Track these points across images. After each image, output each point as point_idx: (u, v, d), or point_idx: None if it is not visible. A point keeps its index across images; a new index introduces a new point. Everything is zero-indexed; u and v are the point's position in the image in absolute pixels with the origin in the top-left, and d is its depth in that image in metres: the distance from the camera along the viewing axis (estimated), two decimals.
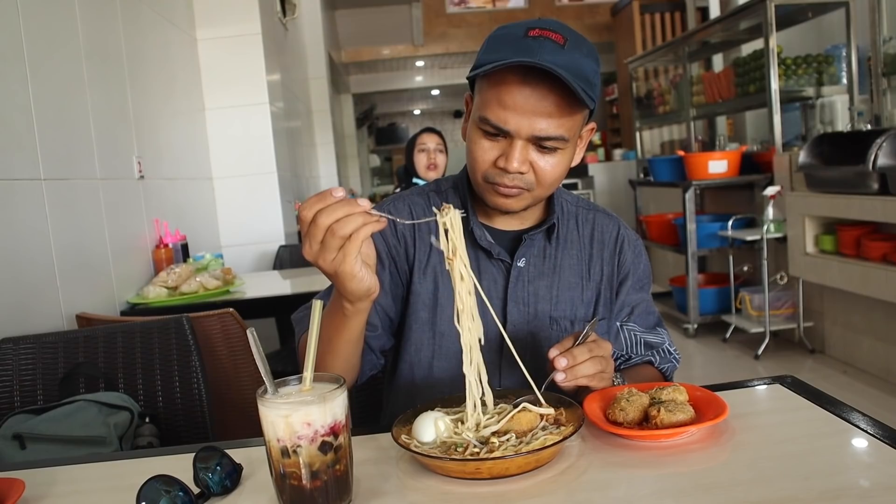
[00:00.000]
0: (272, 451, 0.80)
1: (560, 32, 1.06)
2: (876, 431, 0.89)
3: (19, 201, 1.98)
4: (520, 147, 1.08)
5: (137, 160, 2.90)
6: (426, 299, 1.22)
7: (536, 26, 1.07)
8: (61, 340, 1.76)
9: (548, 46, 1.04)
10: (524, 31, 1.06)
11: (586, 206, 1.32)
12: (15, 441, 1.48)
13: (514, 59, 1.02)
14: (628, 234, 1.31)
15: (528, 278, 1.23)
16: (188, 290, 2.70)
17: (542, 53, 1.02)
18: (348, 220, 0.88)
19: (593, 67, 1.08)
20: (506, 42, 1.07)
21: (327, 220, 0.87)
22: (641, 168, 6.67)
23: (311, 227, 0.89)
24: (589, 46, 1.10)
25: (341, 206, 0.88)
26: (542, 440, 0.88)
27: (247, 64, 4.10)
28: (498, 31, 1.11)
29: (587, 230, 1.29)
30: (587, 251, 1.28)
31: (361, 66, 11.64)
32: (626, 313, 1.29)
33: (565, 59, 1.03)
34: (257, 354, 0.81)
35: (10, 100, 2.00)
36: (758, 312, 4.32)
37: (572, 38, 1.07)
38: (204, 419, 1.70)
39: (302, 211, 0.90)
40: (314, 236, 0.89)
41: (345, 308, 1.00)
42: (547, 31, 1.06)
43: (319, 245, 0.89)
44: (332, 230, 0.88)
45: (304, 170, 6.08)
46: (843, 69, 4.57)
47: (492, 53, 1.07)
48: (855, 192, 3.39)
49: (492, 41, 1.11)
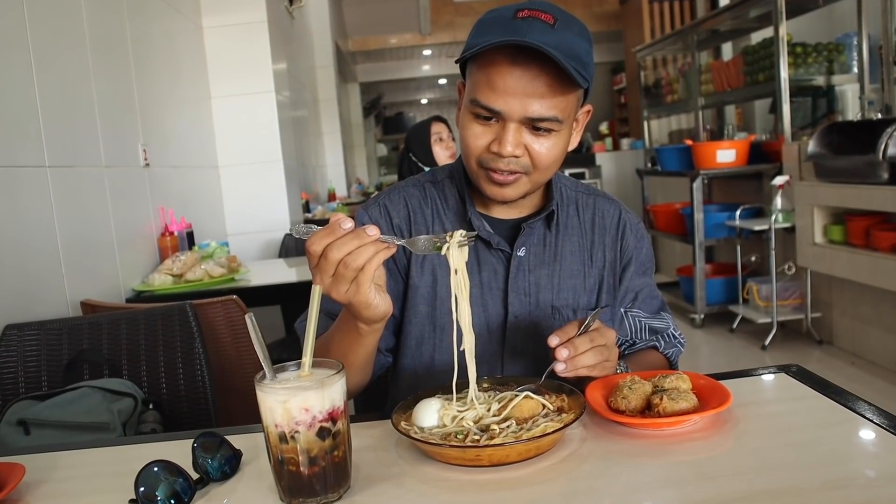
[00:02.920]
0: (270, 437, 0.80)
1: (550, 12, 1.05)
2: (882, 421, 0.88)
3: (24, 188, 1.98)
4: (513, 130, 1.06)
5: (143, 148, 2.90)
6: (425, 293, 1.21)
7: (525, 7, 1.05)
8: (66, 327, 1.76)
9: (537, 26, 1.02)
10: (513, 12, 1.05)
11: (586, 191, 1.30)
12: (19, 427, 1.49)
13: (502, 39, 1.01)
14: (629, 218, 1.30)
15: (529, 268, 1.21)
16: (193, 278, 2.70)
17: (531, 33, 1.01)
18: (360, 252, 0.87)
19: (585, 46, 1.06)
20: (494, 24, 1.06)
21: (338, 255, 0.86)
22: (649, 157, 6.64)
23: (322, 262, 0.87)
24: (580, 26, 1.08)
25: (351, 239, 0.87)
26: (542, 427, 0.87)
27: (253, 52, 4.08)
28: (487, 15, 1.10)
29: (588, 215, 1.27)
30: (588, 237, 1.26)
31: (368, 54, 11.62)
32: (630, 299, 1.28)
33: (555, 38, 1.02)
34: (256, 339, 0.81)
35: (15, 87, 1.99)
36: (765, 303, 4.30)
37: (562, 18, 1.05)
38: (207, 406, 1.70)
39: (311, 246, 0.88)
40: (325, 270, 0.88)
41: (360, 328, 0.98)
42: (536, 12, 1.04)
43: (331, 278, 0.88)
44: (345, 263, 0.87)
45: (311, 159, 6.08)
46: (854, 58, 4.52)
47: (480, 36, 1.06)
48: (864, 182, 3.36)
49: (481, 24, 1.09)
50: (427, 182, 1.28)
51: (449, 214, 1.24)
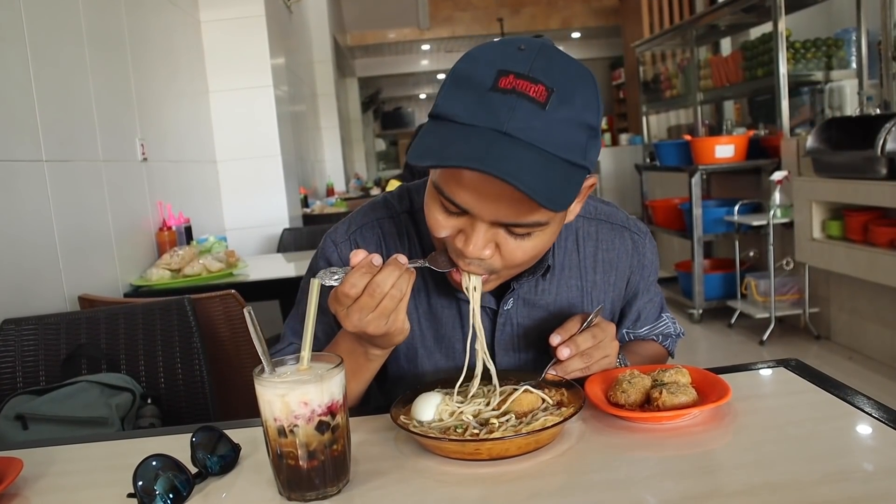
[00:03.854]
0: (269, 431, 0.79)
1: (542, 80, 0.82)
2: (881, 415, 0.88)
3: (21, 183, 1.97)
4: (482, 230, 0.88)
5: (140, 142, 2.89)
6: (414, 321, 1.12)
7: (512, 70, 0.82)
8: (63, 321, 1.76)
9: (521, 110, 0.81)
10: (494, 78, 0.82)
11: (588, 215, 1.14)
12: (17, 422, 1.49)
13: (460, 162, 0.80)
14: (638, 248, 1.16)
15: (518, 321, 1.11)
16: (191, 273, 2.70)
17: (511, 120, 0.81)
18: (401, 282, 0.86)
19: (589, 122, 0.85)
20: (469, 90, 0.84)
21: (385, 288, 0.85)
22: (648, 153, 6.63)
23: (365, 299, 0.85)
24: (586, 88, 0.85)
25: (393, 271, 0.86)
26: (542, 421, 0.87)
27: (251, 47, 4.07)
28: (463, 67, 0.87)
29: (590, 249, 1.13)
30: (590, 278, 1.13)
31: (367, 49, 11.61)
32: (634, 319, 1.22)
33: (543, 126, 0.81)
34: (254, 333, 0.81)
35: (12, 81, 1.98)
36: (763, 298, 4.30)
37: (560, 86, 0.82)
38: (205, 400, 1.70)
39: (349, 289, 0.86)
40: (366, 307, 0.86)
41: (370, 354, 0.97)
42: (524, 82, 0.82)
43: (373, 313, 0.86)
44: (391, 295, 0.86)
45: (309, 153, 6.07)
46: (853, 53, 4.52)
47: (450, 103, 0.85)
48: (863, 178, 3.36)
49: (454, 81, 0.87)
50: (403, 213, 1.13)
51: (427, 252, 1.09)
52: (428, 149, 0.83)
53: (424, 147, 0.84)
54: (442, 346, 1.13)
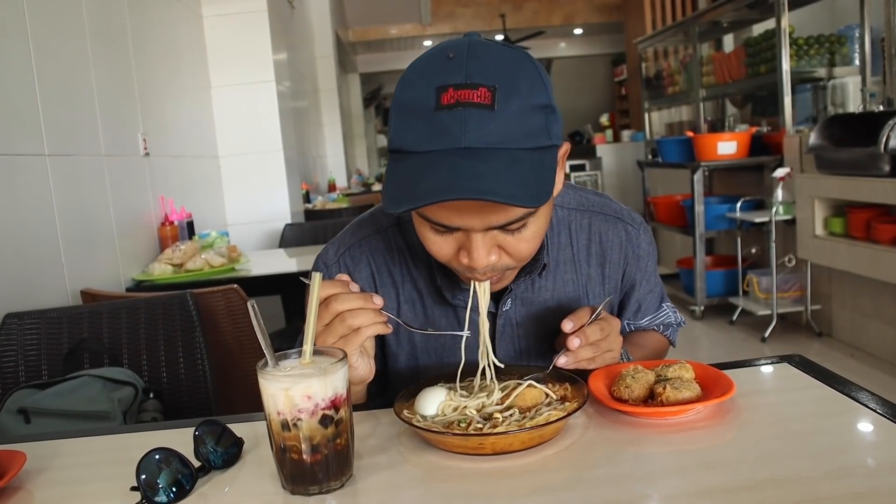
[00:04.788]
0: (272, 425, 0.79)
1: (484, 83, 0.81)
2: (885, 411, 0.88)
3: (23, 177, 1.97)
4: (480, 239, 0.88)
5: (143, 137, 2.89)
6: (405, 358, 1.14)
7: (449, 83, 0.81)
8: (66, 316, 1.76)
9: (472, 121, 0.80)
10: (436, 97, 0.81)
11: (581, 207, 1.13)
12: (20, 415, 1.49)
13: (433, 198, 0.79)
14: (632, 239, 1.14)
15: (517, 320, 1.11)
16: (193, 268, 2.70)
17: (466, 133, 0.80)
18: (359, 314, 0.88)
19: (541, 102, 0.84)
20: (416, 116, 0.83)
21: (339, 307, 0.88)
22: (650, 149, 6.63)
23: (322, 310, 0.89)
24: (526, 70, 0.84)
25: (356, 298, 0.88)
26: (545, 416, 0.87)
27: (253, 42, 4.07)
28: (403, 95, 0.86)
29: (583, 242, 1.12)
30: (584, 271, 1.12)
31: (369, 45, 11.60)
32: (634, 310, 1.22)
33: (499, 126, 0.81)
34: (257, 327, 0.80)
35: (14, 75, 1.98)
36: (765, 295, 4.30)
37: (500, 79, 0.81)
38: (207, 395, 1.70)
39: (322, 290, 0.88)
40: (322, 318, 0.89)
41: None
42: (464, 91, 0.80)
43: (325, 328, 0.89)
44: (342, 317, 0.88)
45: (311, 149, 6.06)
46: (856, 50, 4.51)
47: (403, 134, 0.85)
48: (866, 175, 3.35)
49: (399, 111, 0.86)
50: (391, 227, 1.11)
51: (420, 269, 1.10)
52: (398, 192, 0.83)
53: (394, 190, 0.84)
54: (443, 355, 1.13)
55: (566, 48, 12.99)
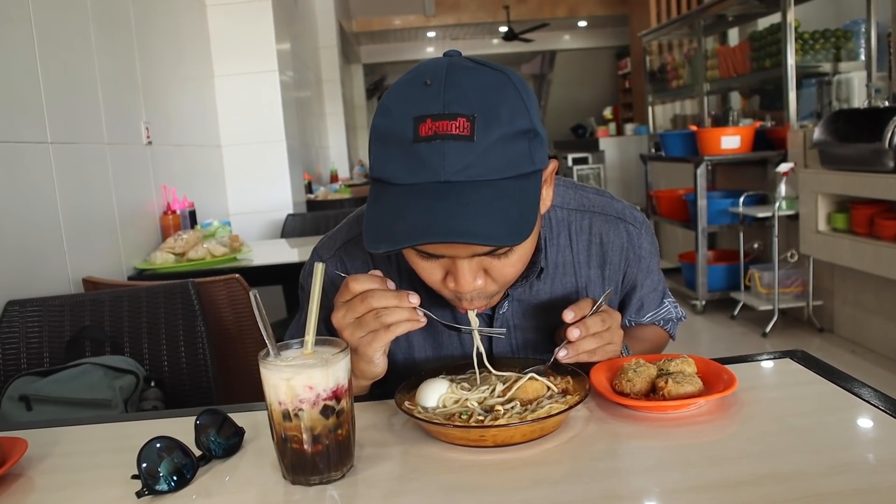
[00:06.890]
0: (274, 415, 0.79)
1: (460, 110, 0.79)
2: (887, 407, 0.88)
3: (26, 164, 1.97)
4: (466, 265, 0.88)
5: (145, 126, 2.88)
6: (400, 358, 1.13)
7: (427, 114, 0.80)
8: (68, 304, 1.76)
9: (451, 154, 0.79)
10: (413, 127, 0.80)
11: (581, 207, 1.11)
12: (21, 402, 1.49)
13: (412, 240, 0.80)
14: (633, 240, 1.12)
15: (515, 322, 1.10)
16: (195, 257, 2.70)
17: (446, 167, 0.79)
18: (395, 311, 0.87)
19: (523, 127, 0.82)
20: (394, 147, 0.82)
21: (376, 303, 0.87)
22: (653, 143, 6.61)
23: (357, 302, 0.88)
24: (506, 95, 0.82)
25: (393, 297, 0.88)
26: (547, 409, 0.87)
27: (256, 31, 4.06)
28: (381, 123, 0.84)
29: (582, 243, 1.10)
30: (584, 273, 1.11)
31: (372, 35, 11.57)
32: (636, 308, 1.21)
33: (479, 158, 0.79)
34: (259, 316, 0.80)
35: (17, 62, 1.98)
36: (767, 290, 4.30)
37: (479, 107, 0.80)
38: (209, 384, 1.70)
39: (355, 284, 0.88)
40: (355, 310, 0.88)
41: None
42: (442, 122, 0.79)
43: (355, 320, 0.88)
44: (377, 313, 0.87)
45: (314, 139, 6.06)
46: (862, 45, 4.49)
47: (383, 163, 0.84)
48: (869, 170, 3.35)
49: (378, 140, 0.85)
50: None
51: None
52: (377, 230, 0.83)
53: (374, 228, 0.84)
54: (441, 350, 1.13)
55: (570, 40, 12.95)
